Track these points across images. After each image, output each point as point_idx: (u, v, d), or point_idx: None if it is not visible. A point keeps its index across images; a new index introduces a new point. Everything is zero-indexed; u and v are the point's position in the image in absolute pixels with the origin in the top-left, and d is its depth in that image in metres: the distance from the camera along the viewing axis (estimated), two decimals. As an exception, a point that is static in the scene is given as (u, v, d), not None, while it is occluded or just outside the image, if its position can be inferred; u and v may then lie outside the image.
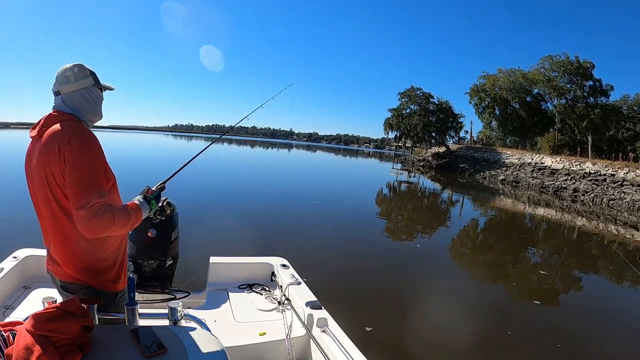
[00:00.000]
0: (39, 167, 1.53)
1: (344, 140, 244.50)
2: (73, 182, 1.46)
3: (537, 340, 4.42)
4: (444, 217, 13.60)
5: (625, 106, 38.77)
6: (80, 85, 1.63)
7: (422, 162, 41.06)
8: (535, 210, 16.17)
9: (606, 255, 9.66)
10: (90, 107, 1.68)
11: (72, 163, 1.46)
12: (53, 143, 1.48)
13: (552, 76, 35.30)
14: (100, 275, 1.63)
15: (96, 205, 1.44)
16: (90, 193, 1.45)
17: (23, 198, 1.80)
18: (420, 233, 10.27)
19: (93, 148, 1.53)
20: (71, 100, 1.62)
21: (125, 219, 1.55)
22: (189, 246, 5.53)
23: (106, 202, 1.49)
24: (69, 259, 1.59)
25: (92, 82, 1.67)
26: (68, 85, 1.61)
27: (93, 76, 1.69)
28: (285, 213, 10.75)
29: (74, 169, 1.46)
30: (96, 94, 1.71)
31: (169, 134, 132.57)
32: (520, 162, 28.36)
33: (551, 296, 6.27)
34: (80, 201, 1.43)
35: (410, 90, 43.23)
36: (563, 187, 21.94)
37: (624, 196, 18.41)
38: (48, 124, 1.56)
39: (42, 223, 1.63)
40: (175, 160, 2.40)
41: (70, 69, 1.63)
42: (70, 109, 1.62)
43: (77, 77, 1.63)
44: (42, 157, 1.51)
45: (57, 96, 1.63)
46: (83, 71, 1.66)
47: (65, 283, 1.62)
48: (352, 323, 3.22)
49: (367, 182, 25.22)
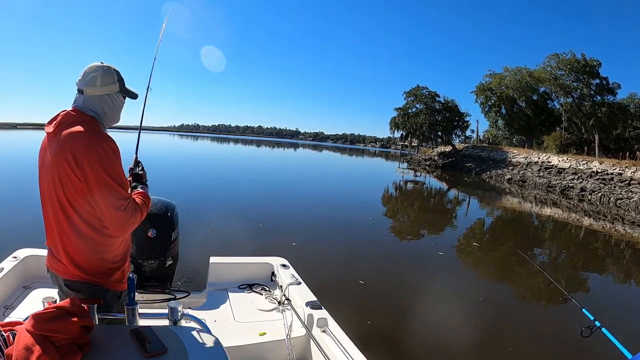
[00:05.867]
0: (54, 166, 1.51)
1: (350, 140, 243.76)
2: (105, 186, 1.48)
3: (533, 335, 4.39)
4: (449, 217, 13.53)
5: (632, 104, 38.34)
6: (105, 91, 1.62)
7: (428, 162, 40.93)
8: (542, 210, 16.03)
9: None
10: (110, 112, 1.67)
11: (100, 168, 1.47)
12: (73, 144, 1.47)
13: (559, 74, 35.07)
14: (108, 275, 1.64)
15: (130, 206, 1.54)
16: (122, 194, 1.53)
17: (23, 198, 1.82)
18: (425, 232, 10.23)
19: (117, 151, 1.56)
20: (92, 104, 1.61)
21: (145, 210, 1.66)
22: (189, 246, 5.53)
23: (132, 200, 1.59)
24: (78, 258, 1.58)
25: (117, 89, 1.66)
26: (93, 89, 1.60)
27: (120, 82, 1.67)
28: (290, 212, 10.75)
29: (103, 173, 1.48)
30: (119, 101, 1.70)
31: (175, 134, 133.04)
32: (526, 162, 28.17)
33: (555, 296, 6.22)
34: (117, 203, 1.51)
35: (416, 89, 43.16)
36: (570, 186, 21.74)
37: (631, 195, 18.22)
38: (67, 122, 1.53)
39: (47, 222, 1.61)
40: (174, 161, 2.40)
41: (99, 69, 1.61)
42: (92, 111, 1.61)
43: (105, 81, 1.61)
44: (58, 157, 1.50)
45: (79, 94, 1.61)
46: (111, 76, 1.63)
47: (69, 281, 1.60)
48: (352, 322, 3.21)
49: (373, 181, 25.19)
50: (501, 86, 39.00)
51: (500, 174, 28.32)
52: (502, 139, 48.49)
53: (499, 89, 39.09)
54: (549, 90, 37.71)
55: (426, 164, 40.00)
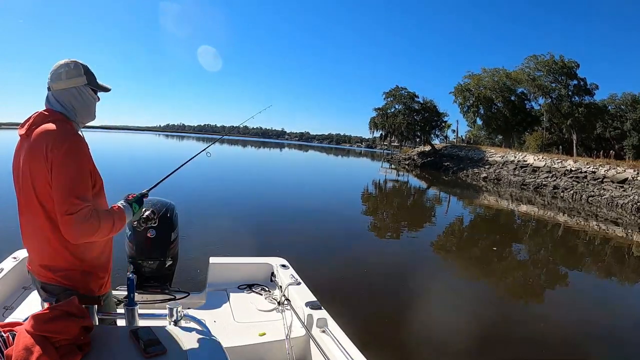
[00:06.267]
0: (26, 167, 1.49)
1: (336, 140, 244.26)
2: (59, 186, 1.42)
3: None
4: (431, 215, 13.79)
5: (612, 105, 39.70)
6: (71, 84, 1.58)
7: (408, 161, 41.47)
8: (518, 207, 16.50)
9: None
10: (80, 108, 1.62)
11: (59, 167, 1.42)
12: (41, 144, 1.44)
13: (537, 75, 36.04)
14: (82, 279, 1.58)
15: (82, 211, 1.40)
16: (76, 198, 1.41)
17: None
18: (407, 230, 10.40)
19: (80, 152, 1.49)
20: (61, 98, 1.57)
21: (110, 224, 1.51)
22: (189, 246, 5.48)
23: (92, 207, 1.45)
24: (50, 261, 1.54)
25: (84, 82, 1.61)
26: (58, 83, 1.56)
27: (87, 75, 1.63)
28: (282, 214, 10.78)
29: (60, 174, 1.42)
30: (88, 95, 1.64)
31: (161, 134, 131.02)
32: (503, 160, 28.89)
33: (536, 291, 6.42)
34: (66, 206, 1.39)
35: (395, 89, 43.58)
36: (544, 184, 22.40)
37: (603, 193, 18.88)
38: (38, 122, 1.51)
39: (22, 223, 1.59)
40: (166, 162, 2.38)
41: (64, 65, 1.58)
42: (61, 108, 1.57)
43: (70, 74, 1.58)
44: (29, 157, 1.48)
45: (48, 92, 1.58)
46: (77, 69, 1.60)
47: (45, 284, 1.56)
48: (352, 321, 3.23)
49: (358, 180, 25.58)
50: (479, 87, 39.85)
51: (477, 172, 28.97)
52: (485, 139, 49.43)
53: (477, 89, 39.92)
54: (527, 91, 38.75)
55: (406, 163, 40.54)
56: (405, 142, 47.06)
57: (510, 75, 38.17)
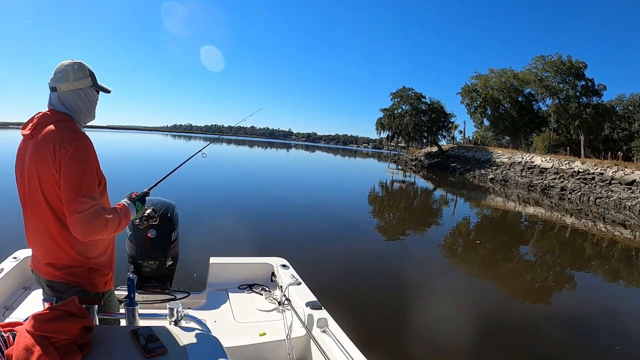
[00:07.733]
0: (32, 168, 1.51)
1: (343, 141, 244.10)
2: (68, 186, 1.45)
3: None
4: (437, 217, 13.71)
5: (620, 106, 39.23)
6: (78, 86, 1.61)
7: (415, 162, 41.29)
8: (525, 209, 16.35)
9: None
10: (85, 108, 1.65)
11: (67, 167, 1.45)
12: (48, 144, 1.47)
13: (544, 76, 35.65)
14: (87, 276, 1.61)
15: (91, 210, 1.44)
16: (84, 197, 1.45)
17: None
18: (411, 231, 10.34)
19: (88, 152, 1.52)
20: (67, 100, 1.60)
21: (116, 221, 1.55)
22: (189, 246, 5.51)
23: (99, 205, 1.49)
24: (55, 259, 1.56)
25: (90, 83, 1.65)
26: (66, 84, 1.59)
27: (92, 77, 1.66)
28: (284, 213, 10.78)
29: (69, 173, 1.45)
30: (92, 96, 1.68)
31: (168, 134, 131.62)
32: (510, 162, 28.64)
33: (543, 293, 6.36)
34: (75, 205, 1.43)
35: (402, 90, 43.41)
36: (551, 185, 22.17)
37: (611, 194, 18.65)
38: (42, 123, 1.53)
39: (27, 223, 1.61)
40: (166, 162, 2.40)
41: (70, 66, 1.60)
42: (65, 109, 1.59)
43: (76, 76, 1.60)
44: (35, 157, 1.50)
45: (52, 92, 1.60)
46: (82, 70, 1.63)
47: (51, 282, 1.59)
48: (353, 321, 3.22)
49: (364, 181, 25.43)
50: (487, 87, 39.54)
51: (484, 173, 28.75)
52: (492, 140, 49.06)
53: (484, 90, 39.62)
54: (534, 91, 38.38)
55: (412, 164, 40.36)
56: (412, 143, 46.86)
57: (518, 76, 37.79)
